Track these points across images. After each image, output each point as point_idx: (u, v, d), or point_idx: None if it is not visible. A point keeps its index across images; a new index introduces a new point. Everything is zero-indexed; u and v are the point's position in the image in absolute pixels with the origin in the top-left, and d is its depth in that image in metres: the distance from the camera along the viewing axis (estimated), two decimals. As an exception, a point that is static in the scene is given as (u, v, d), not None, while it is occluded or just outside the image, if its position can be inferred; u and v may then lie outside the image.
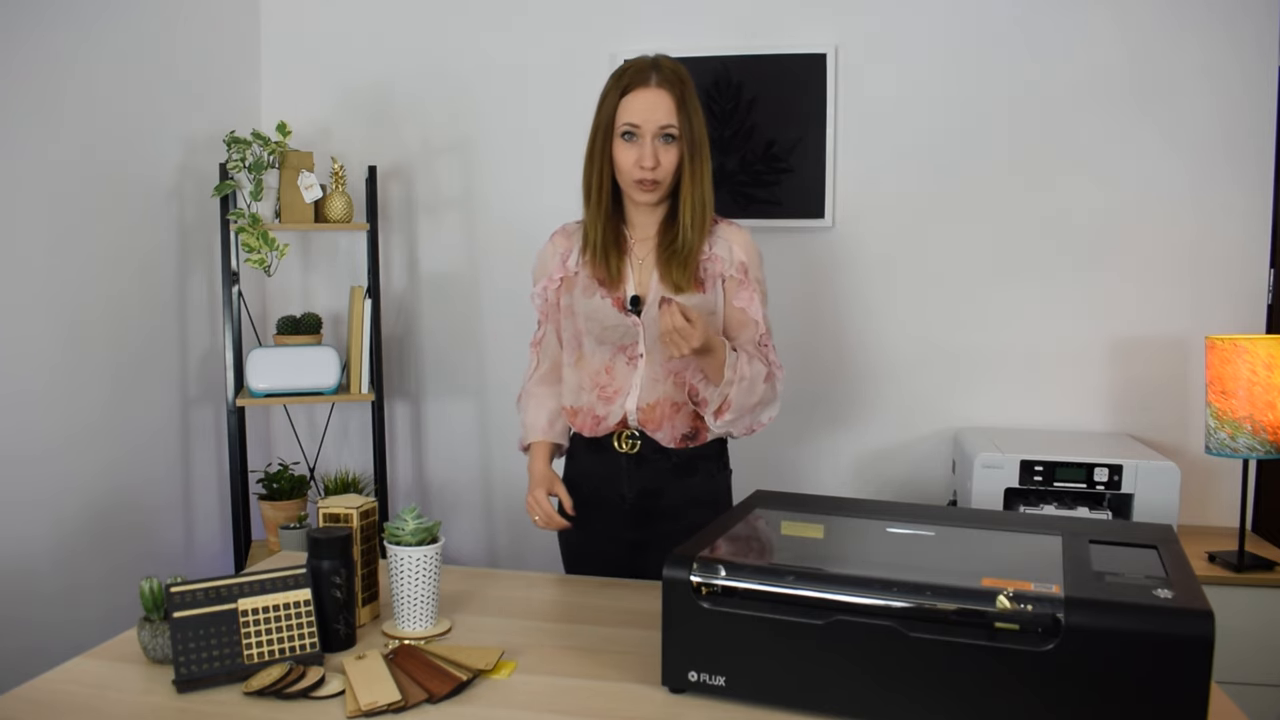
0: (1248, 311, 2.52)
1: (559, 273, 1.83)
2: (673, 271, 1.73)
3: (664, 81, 1.71)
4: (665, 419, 1.77)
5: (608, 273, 1.77)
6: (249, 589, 1.35)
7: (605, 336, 1.77)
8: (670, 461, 1.79)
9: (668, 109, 1.70)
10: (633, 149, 1.71)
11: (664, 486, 1.80)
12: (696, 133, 1.72)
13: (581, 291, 1.79)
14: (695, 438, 1.79)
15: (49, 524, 2.23)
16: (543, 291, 1.86)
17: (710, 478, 1.83)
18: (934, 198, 2.65)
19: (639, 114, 1.70)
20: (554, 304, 1.85)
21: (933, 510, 1.52)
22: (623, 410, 1.77)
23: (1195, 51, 2.49)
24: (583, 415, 1.81)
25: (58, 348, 2.25)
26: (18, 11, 2.13)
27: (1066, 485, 2.25)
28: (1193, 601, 1.06)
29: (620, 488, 1.81)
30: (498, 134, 2.86)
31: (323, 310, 2.93)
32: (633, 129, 1.70)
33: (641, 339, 1.76)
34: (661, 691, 1.26)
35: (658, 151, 1.70)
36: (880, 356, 2.70)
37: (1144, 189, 2.55)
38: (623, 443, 1.79)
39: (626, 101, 1.71)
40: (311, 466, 2.86)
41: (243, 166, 2.53)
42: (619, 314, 1.76)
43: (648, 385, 1.77)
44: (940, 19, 2.61)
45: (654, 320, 1.74)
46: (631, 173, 1.71)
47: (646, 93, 1.70)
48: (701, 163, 1.73)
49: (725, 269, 1.77)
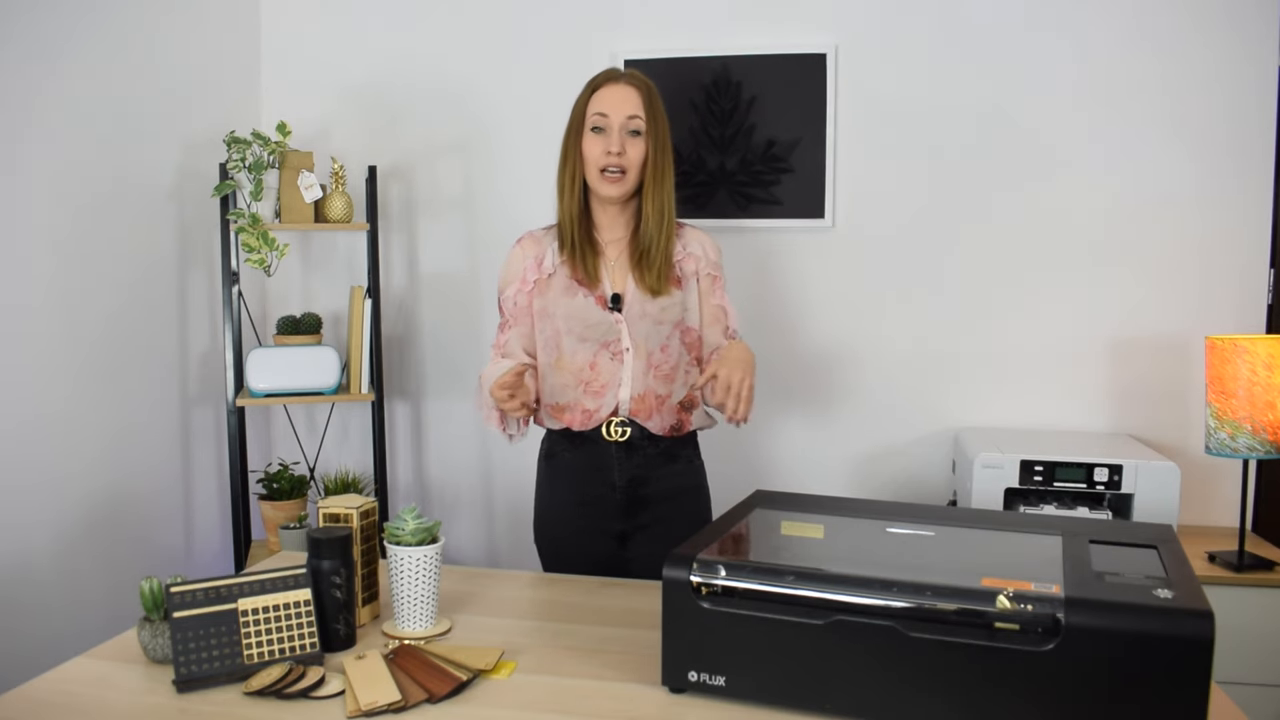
0: (1248, 311, 2.52)
1: (533, 275, 1.86)
2: (646, 274, 1.81)
3: (632, 81, 1.83)
4: (654, 410, 1.84)
5: (585, 272, 1.83)
6: (249, 589, 1.35)
7: (588, 334, 1.82)
8: (658, 448, 1.86)
9: (635, 102, 1.80)
10: (600, 139, 1.80)
11: (650, 474, 1.85)
12: (662, 134, 1.82)
13: (561, 292, 1.83)
14: (680, 428, 1.87)
15: (49, 524, 2.23)
16: (514, 295, 1.88)
17: (689, 464, 1.92)
18: (934, 197, 2.65)
19: (607, 105, 1.80)
20: (525, 308, 1.87)
21: (933, 510, 1.52)
22: (615, 401, 1.83)
23: (1196, 51, 2.49)
24: (571, 410, 1.84)
25: (58, 347, 2.25)
26: (17, 12, 2.13)
27: (1066, 485, 2.25)
28: (1193, 601, 1.06)
29: (611, 476, 1.85)
30: (498, 134, 2.86)
31: (323, 310, 2.93)
32: (601, 119, 1.80)
33: (625, 334, 1.82)
34: (661, 691, 1.26)
35: (625, 142, 1.79)
36: (880, 356, 2.70)
37: (1144, 189, 2.55)
38: (612, 431, 1.83)
39: (596, 96, 1.83)
40: (311, 466, 2.86)
41: (243, 166, 2.53)
42: (602, 311, 1.82)
43: (637, 377, 1.83)
44: (940, 18, 2.61)
45: (636, 316, 1.82)
46: (599, 161, 1.80)
47: (615, 87, 1.82)
48: (665, 164, 1.83)
49: (700, 267, 1.88)
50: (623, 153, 1.78)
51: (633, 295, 1.82)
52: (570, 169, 1.84)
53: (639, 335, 1.82)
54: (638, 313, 1.81)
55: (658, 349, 1.83)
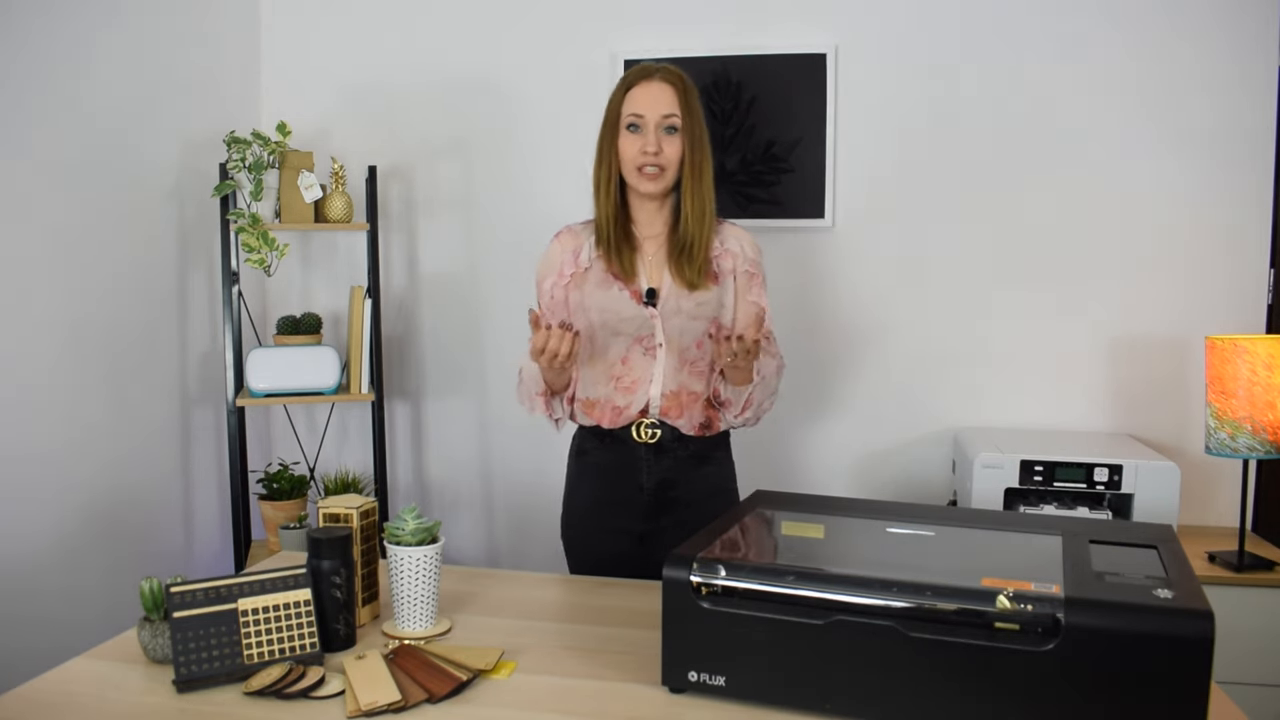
0: (1248, 311, 2.52)
1: (569, 269, 1.86)
2: (684, 268, 1.80)
3: (667, 77, 1.80)
4: (685, 408, 1.82)
5: (621, 266, 1.82)
6: (249, 589, 1.35)
7: (622, 328, 1.81)
8: (688, 450, 1.84)
9: (670, 100, 1.78)
10: (637, 138, 1.79)
11: (680, 477, 1.84)
12: (698, 130, 1.80)
13: (596, 285, 1.83)
14: (710, 427, 1.85)
15: (49, 523, 2.23)
16: (551, 288, 1.88)
17: (721, 466, 1.90)
18: (934, 197, 2.65)
19: (643, 104, 1.78)
20: (562, 300, 1.87)
21: (933, 510, 1.52)
22: (645, 399, 1.82)
23: (1196, 51, 2.49)
24: (601, 407, 1.84)
25: (58, 347, 2.25)
26: (17, 12, 2.13)
27: (1066, 485, 2.25)
28: (1193, 601, 1.06)
29: (639, 478, 1.84)
30: (498, 134, 2.86)
31: (323, 310, 2.93)
32: (636, 119, 1.78)
33: (659, 330, 1.81)
34: (661, 691, 1.26)
35: (661, 140, 1.78)
36: (880, 356, 2.71)
37: (1144, 188, 2.55)
38: (642, 432, 1.82)
39: (631, 95, 1.80)
40: (311, 466, 2.86)
41: (243, 166, 2.53)
42: (636, 306, 1.81)
43: (669, 374, 1.81)
44: (940, 19, 2.61)
45: (671, 312, 1.80)
46: (635, 160, 1.79)
47: (650, 85, 1.79)
48: (703, 160, 1.81)
49: (738, 264, 1.86)
50: (659, 151, 1.77)
51: (668, 290, 1.81)
52: (605, 167, 1.82)
53: (673, 331, 1.80)
54: (672, 308, 1.80)
55: (692, 345, 1.81)
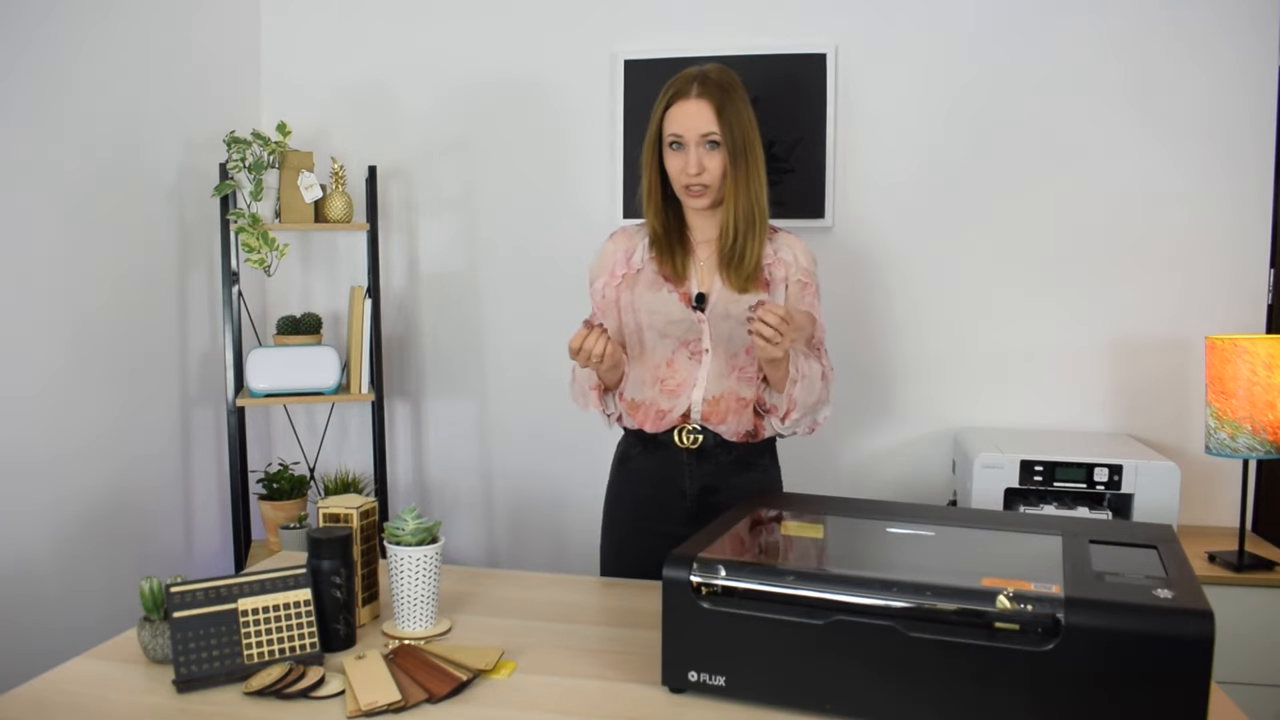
0: (1248, 311, 2.52)
1: (621, 269, 1.87)
2: (732, 275, 1.80)
3: (705, 92, 1.77)
4: (730, 413, 1.81)
5: (673, 269, 1.82)
6: (249, 589, 1.35)
7: (669, 330, 1.81)
8: (731, 455, 1.83)
9: (708, 118, 1.76)
10: (679, 157, 1.79)
11: (722, 483, 1.83)
12: (739, 139, 1.77)
13: (646, 286, 1.84)
14: (755, 434, 1.84)
15: (49, 523, 2.23)
16: (602, 288, 1.89)
17: (765, 473, 1.88)
18: (934, 197, 2.65)
19: (681, 124, 1.78)
20: (613, 300, 1.88)
21: (933, 510, 1.52)
22: (688, 403, 1.81)
23: (1195, 51, 2.49)
24: (645, 409, 1.84)
25: (58, 348, 2.25)
26: (18, 12, 2.13)
27: (1066, 485, 2.25)
28: (1193, 601, 1.06)
29: (681, 484, 1.83)
30: (497, 134, 2.86)
31: (323, 310, 2.93)
32: (678, 139, 1.78)
33: (706, 334, 1.81)
34: (661, 691, 1.26)
35: (702, 158, 1.77)
36: (880, 356, 2.70)
37: (1144, 188, 2.55)
38: (684, 438, 1.82)
39: (670, 113, 1.79)
40: (311, 466, 2.86)
41: (243, 166, 2.53)
42: (685, 308, 1.81)
43: (713, 379, 1.81)
44: (940, 19, 2.61)
45: (720, 317, 1.80)
46: (679, 179, 1.80)
47: (688, 104, 1.77)
48: (747, 167, 1.79)
49: (791, 273, 1.85)
50: (701, 171, 1.77)
51: (718, 295, 1.80)
52: (650, 180, 1.83)
53: (720, 336, 1.80)
54: (721, 313, 1.79)
55: (741, 350, 1.80)
